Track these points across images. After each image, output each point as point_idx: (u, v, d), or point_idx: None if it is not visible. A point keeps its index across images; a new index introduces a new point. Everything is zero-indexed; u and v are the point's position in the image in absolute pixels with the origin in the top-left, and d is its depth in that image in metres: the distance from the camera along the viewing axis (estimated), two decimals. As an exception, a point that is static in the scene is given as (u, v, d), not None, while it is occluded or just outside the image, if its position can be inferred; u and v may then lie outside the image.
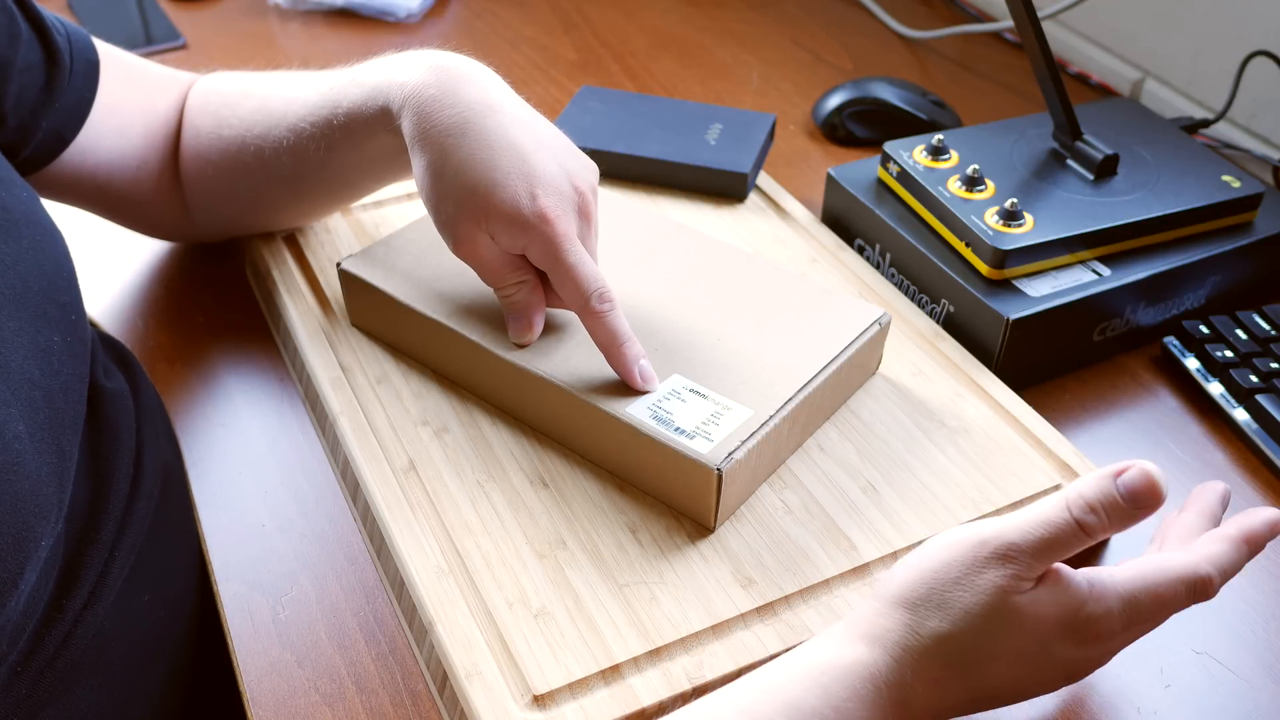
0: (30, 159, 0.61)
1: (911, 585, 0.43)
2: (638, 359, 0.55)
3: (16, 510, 0.44)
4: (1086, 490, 0.42)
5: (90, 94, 0.62)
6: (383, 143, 0.61)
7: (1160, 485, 0.42)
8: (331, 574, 0.55)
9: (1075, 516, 0.42)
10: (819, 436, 0.59)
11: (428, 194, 0.56)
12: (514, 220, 0.54)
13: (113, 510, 0.54)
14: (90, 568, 0.52)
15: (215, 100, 0.67)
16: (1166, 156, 0.73)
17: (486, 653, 0.48)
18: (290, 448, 0.62)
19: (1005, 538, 0.42)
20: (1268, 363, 0.65)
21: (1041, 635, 0.42)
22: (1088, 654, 0.44)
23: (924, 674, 0.42)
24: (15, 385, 0.47)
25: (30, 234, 0.51)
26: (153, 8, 1.05)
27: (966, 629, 0.42)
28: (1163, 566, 0.44)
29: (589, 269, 0.54)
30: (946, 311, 0.68)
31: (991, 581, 0.42)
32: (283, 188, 0.66)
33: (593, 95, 0.85)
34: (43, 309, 0.50)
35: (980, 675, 0.43)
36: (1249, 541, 0.46)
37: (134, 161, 0.66)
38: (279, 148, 0.63)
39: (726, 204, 0.77)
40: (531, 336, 0.57)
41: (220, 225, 0.72)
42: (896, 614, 0.43)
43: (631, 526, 0.54)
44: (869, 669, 0.42)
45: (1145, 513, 0.42)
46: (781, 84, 0.97)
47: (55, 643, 0.49)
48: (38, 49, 0.59)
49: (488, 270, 0.57)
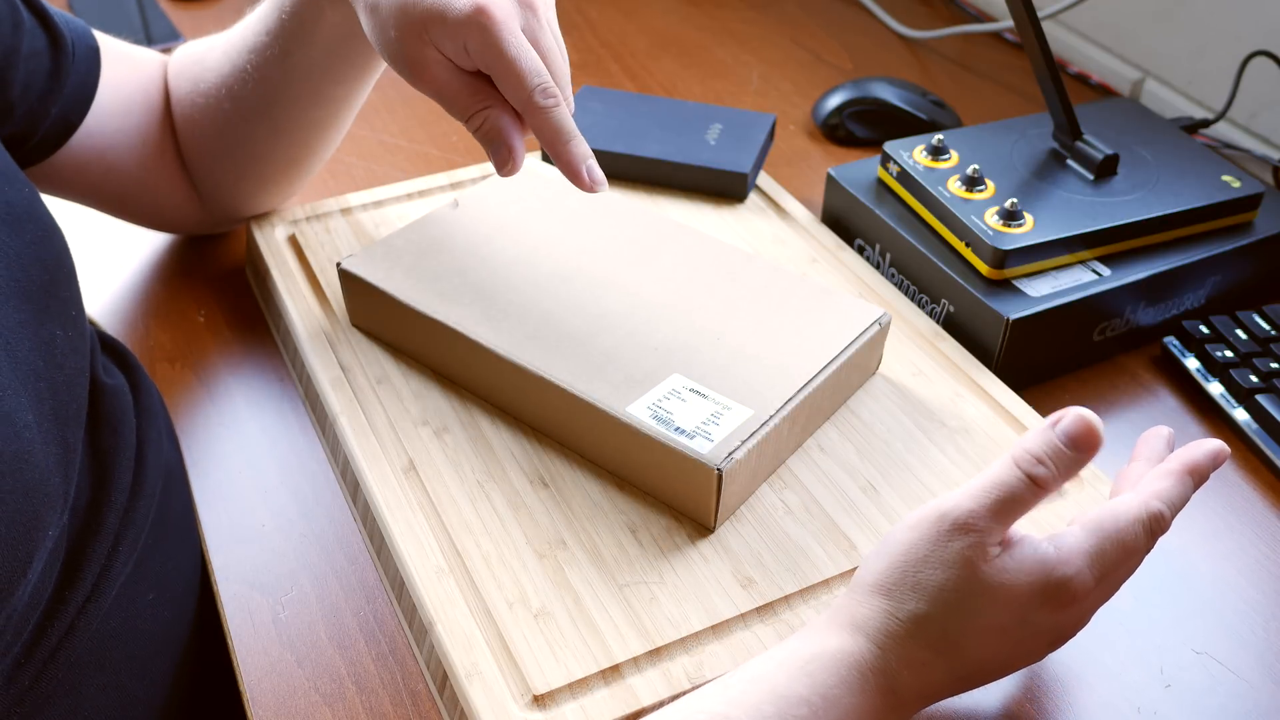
0: (38, 146, 0.62)
1: (885, 571, 0.44)
2: (585, 158, 0.53)
3: (28, 498, 0.45)
4: (1030, 444, 0.44)
5: (94, 78, 0.64)
6: (331, 23, 0.60)
7: (1096, 427, 0.44)
8: (331, 574, 0.55)
9: (1025, 470, 0.43)
10: (819, 436, 0.59)
11: (373, 34, 0.54)
12: (447, 16, 0.51)
13: (115, 504, 0.54)
14: (93, 561, 0.52)
15: (187, 62, 0.69)
16: (1166, 156, 0.73)
17: (486, 653, 0.48)
18: (290, 448, 0.62)
19: (963, 506, 0.43)
20: (1268, 363, 0.65)
21: (1018, 606, 0.43)
22: (1066, 616, 0.44)
23: (907, 657, 0.43)
24: (23, 376, 0.47)
25: (32, 229, 0.52)
26: (152, 8, 1.05)
27: (942, 607, 0.42)
28: (1117, 513, 0.45)
29: (531, 62, 0.52)
30: (946, 311, 0.68)
31: (958, 553, 0.42)
32: (261, 125, 0.66)
33: (593, 95, 0.85)
34: (45, 303, 0.51)
35: (963, 652, 0.43)
36: (1193, 473, 0.47)
37: (137, 140, 0.67)
38: (245, 78, 0.64)
39: (726, 204, 0.77)
40: (515, 164, 0.54)
41: (224, 198, 0.72)
42: (874, 601, 0.44)
43: (631, 526, 0.54)
44: (853, 656, 0.43)
45: (1088, 455, 0.44)
46: (781, 84, 0.97)
47: (58, 634, 0.50)
48: (41, 36, 0.60)
49: (448, 97, 0.54)
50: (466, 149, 0.87)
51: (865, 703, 0.42)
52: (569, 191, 0.70)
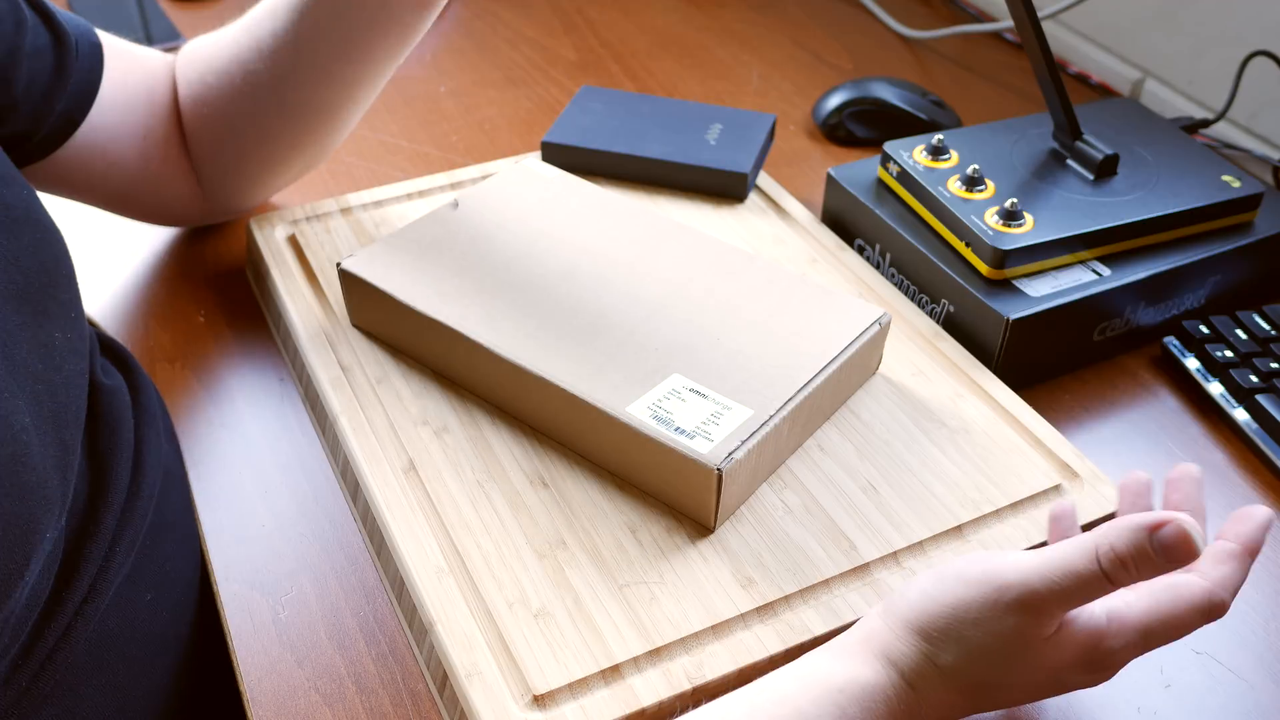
0: (42, 143, 0.62)
1: (929, 616, 0.43)
2: None
3: (24, 500, 0.45)
4: (1119, 544, 0.40)
5: (97, 74, 0.64)
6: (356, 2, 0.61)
7: (1196, 542, 0.40)
8: (331, 574, 0.55)
9: (1105, 569, 0.40)
10: (819, 436, 0.59)
11: None
12: None
13: (113, 505, 0.54)
14: (90, 561, 0.52)
15: (199, 49, 0.70)
16: (1166, 156, 0.73)
17: (486, 653, 0.48)
18: (290, 448, 0.62)
19: (1029, 585, 0.41)
20: (1268, 363, 0.65)
21: (1057, 668, 0.42)
22: (1097, 677, 0.44)
23: (937, 700, 0.43)
24: (20, 378, 0.47)
25: (30, 232, 0.52)
26: (152, 7, 1.05)
27: (984, 665, 0.42)
28: (1179, 595, 0.43)
29: None
30: (946, 311, 0.68)
31: (1013, 628, 0.41)
32: (270, 101, 0.67)
33: (593, 95, 0.85)
34: (44, 305, 0.51)
35: (992, 699, 0.43)
36: (1252, 554, 0.45)
37: (140, 135, 0.68)
38: (261, 51, 0.65)
39: (726, 204, 0.77)
40: None
41: (225, 183, 0.72)
42: (913, 640, 0.43)
43: (631, 526, 0.54)
44: (884, 692, 0.42)
45: (1177, 566, 0.41)
46: (781, 84, 0.97)
47: (55, 635, 0.49)
48: (44, 33, 0.61)
49: None
50: (466, 149, 0.87)
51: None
52: (569, 191, 0.70)
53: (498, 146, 0.87)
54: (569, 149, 0.79)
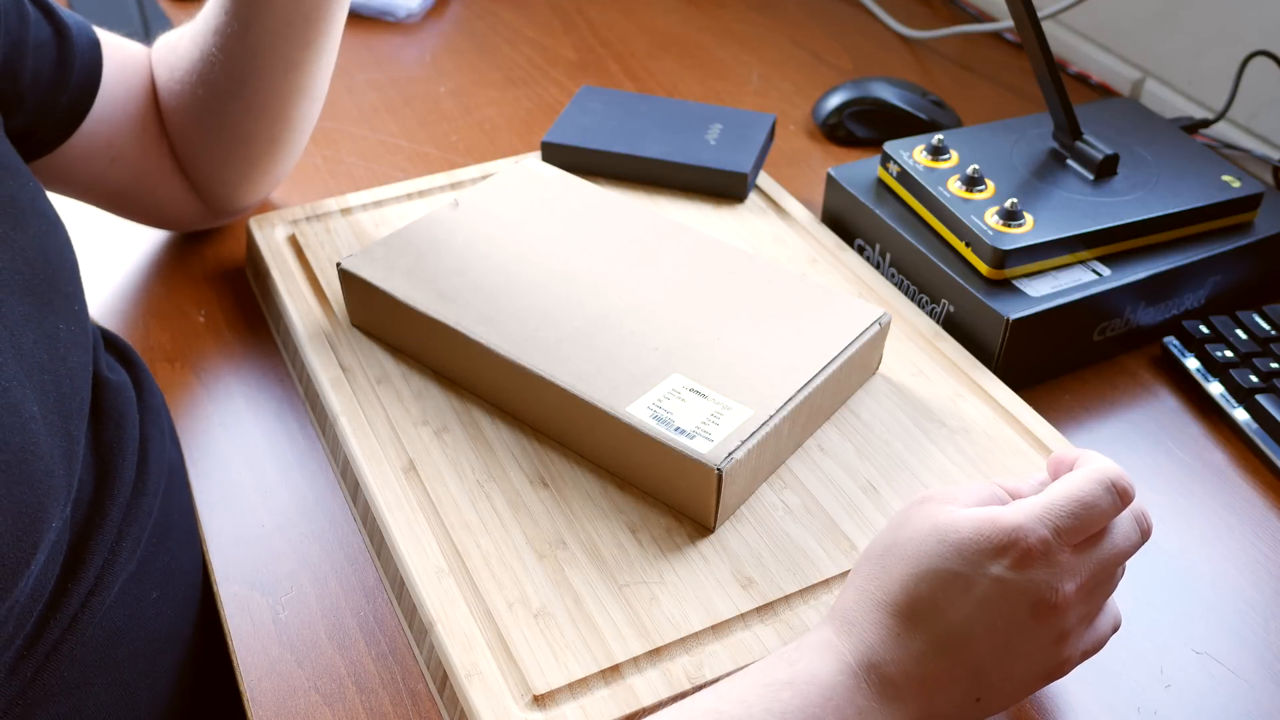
0: (47, 137, 0.63)
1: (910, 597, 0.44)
2: None
3: (33, 490, 0.45)
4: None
5: (98, 68, 0.65)
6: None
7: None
8: (331, 574, 0.55)
9: (1006, 486, 0.47)
10: (819, 436, 0.59)
11: None
12: None
13: (118, 499, 0.54)
14: (95, 555, 0.52)
15: (164, 51, 0.70)
16: (1166, 156, 0.73)
17: (486, 653, 0.48)
18: (290, 448, 0.62)
19: (955, 517, 0.44)
20: (1268, 363, 0.65)
21: (971, 553, 0.42)
22: (1056, 624, 0.42)
23: (920, 671, 0.42)
24: (28, 368, 0.47)
25: (36, 224, 0.52)
26: (152, 7, 1.05)
27: (923, 586, 0.43)
28: (1071, 476, 0.45)
29: None
30: (946, 311, 0.68)
31: (933, 548, 0.44)
32: (236, 104, 0.67)
33: (593, 95, 0.85)
34: (49, 297, 0.51)
35: (963, 657, 0.42)
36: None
37: (140, 128, 0.68)
38: (212, 61, 0.65)
39: (726, 204, 0.77)
40: None
41: (215, 187, 0.72)
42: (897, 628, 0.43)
43: (631, 526, 0.54)
44: (842, 678, 0.42)
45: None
46: (781, 84, 0.97)
47: (60, 628, 0.50)
48: (47, 27, 0.61)
49: None
50: (466, 149, 0.87)
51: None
52: (569, 191, 0.70)
53: (498, 146, 0.87)
54: (569, 149, 0.79)
